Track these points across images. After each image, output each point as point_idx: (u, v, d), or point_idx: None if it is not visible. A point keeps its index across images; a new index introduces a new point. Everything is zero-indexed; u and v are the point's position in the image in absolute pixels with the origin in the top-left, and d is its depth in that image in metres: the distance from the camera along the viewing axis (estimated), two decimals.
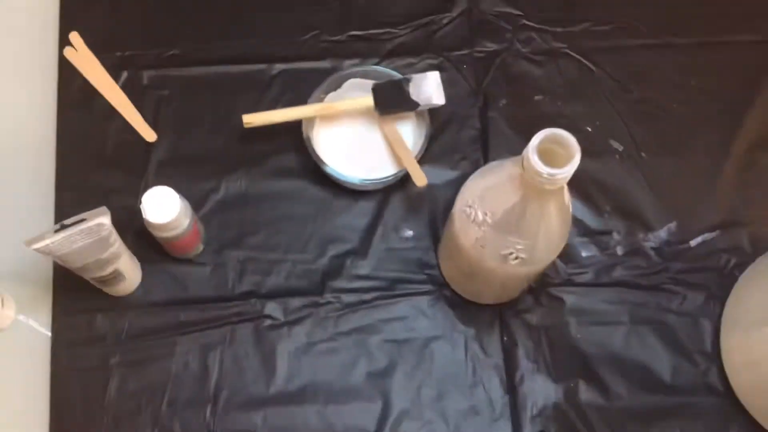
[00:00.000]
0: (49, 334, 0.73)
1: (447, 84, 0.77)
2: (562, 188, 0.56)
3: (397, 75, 0.76)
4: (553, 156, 0.52)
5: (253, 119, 0.75)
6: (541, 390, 0.73)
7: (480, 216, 0.60)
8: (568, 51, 0.82)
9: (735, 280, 0.75)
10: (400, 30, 0.82)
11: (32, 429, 0.71)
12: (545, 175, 0.51)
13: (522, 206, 0.56)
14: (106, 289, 0.72)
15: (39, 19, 0.82)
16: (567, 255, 0.77)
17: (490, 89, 0.81)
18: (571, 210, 0.61)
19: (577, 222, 0.77)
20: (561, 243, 0.62)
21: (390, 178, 0.75)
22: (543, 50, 0.82)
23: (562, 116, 0.80)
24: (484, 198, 0.60)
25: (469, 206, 0.61)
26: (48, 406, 0.71)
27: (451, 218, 0.66)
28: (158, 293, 0.75)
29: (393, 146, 0.76)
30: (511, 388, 0.73)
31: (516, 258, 0.61)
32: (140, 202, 0.67)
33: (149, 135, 0.78)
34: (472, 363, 0.74)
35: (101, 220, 0.64)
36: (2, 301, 0.72)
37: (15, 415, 0.72)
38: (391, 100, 0.75)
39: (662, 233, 0.78)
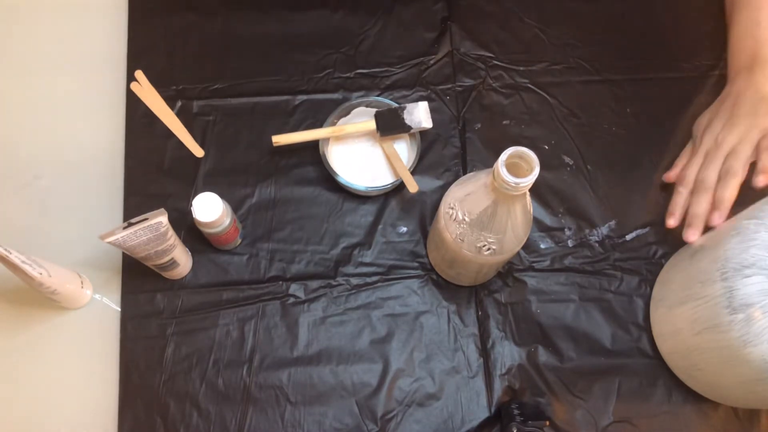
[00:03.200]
0: (119, 309, 0.74)
1: (434, 111, 0.77)
2: (525, 194, 0.56)
3: (393, 104, 0.76)
4: (518, 168, 0.53)
5: (280, 139, 0.75)
6: (508, 354, 0.73)
7: (460, 215, 0.60)
8: (529, 85, 0.82)
9: (661, 266, 0.75)
10: (396, 69, 0.82)
11: (106, 385, 0.71)
12: (512, 184, 0.51)
13: (493, 208, 0.56)
14: (164, 274, 0.72)
15: (111, 60, 0.82)
16: (529, 246, 0.77)
17: (468, 115, 0.81)
18: (532, 211, 0.61)
19: (536, 221, 0.77)
20: (524, 237, 0.62)
21: (389, 186, 0.75)
22: (510, 85, 0.82)
23: (525, 137, 0.80)
24: (463, 201, 0.60)
25: (452, 207, 0.61)
26: (118, 366, 0.71)
27: (437, 217, 0.66)
28: (205, 277, 0.74)
29: (391, 160, 0.76)
30: (485, 352, 0.73)
31: (488, 249, 0.61)
32: (191, 205, 0.67)
33: (198, 152, 0.78)
34: (454, 332, 0.74)
35: (160, 219, 0.64)
36: (82, 283, 0.73)
37: (92, 374, 0.72)
38: (390, 124, 0.75)
39: (604, 229, 0.78)
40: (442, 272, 0.74)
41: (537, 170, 0.51)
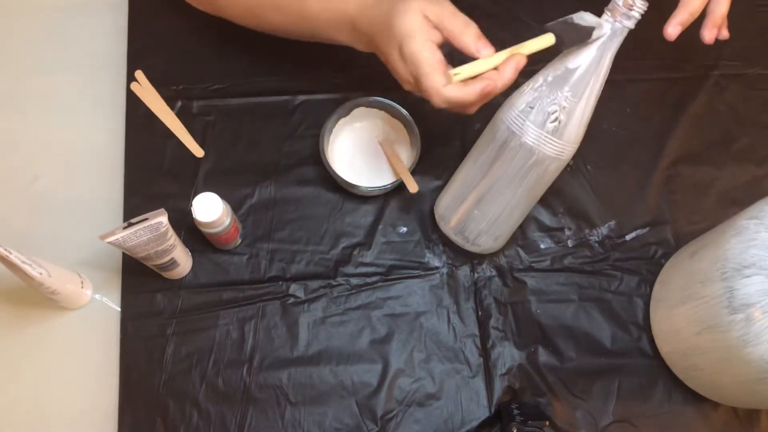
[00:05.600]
0: (119, 309, 0.74)
1: (433, 112, 0.77)
2: (608, 64, 0.59)
3: (394, 105, 0.76)
4: None
5: (461, 70, 0.62)
6: (508, 354, 0.73)
7: (540, 80, 0.60)
8: None
9: (661, 266, 0.75)
10: None
11: (106, 385, 0.71)
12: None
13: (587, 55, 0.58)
14: (164, 274, 0.72)
15: (111, 60, 0.82)
16: (529, 246, 0.77)
17: (468, 116, 0.81)
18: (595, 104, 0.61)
19: (536, 221, 0.78)
20: (583, 130, 0.62)
21: (389, 186, 0.75)
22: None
23: None
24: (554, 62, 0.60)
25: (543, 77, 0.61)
26: (118, 366, 0.71)
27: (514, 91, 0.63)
28: (205, 277, 0.74)
29: (391, 160, 0.76)
30: (484, 352, 0.73)
31: (555, 120, 0.60)
32: (191, 205, 0.67)
33: (198, 152, 0.78)
34: (453, 332, 0.74)
35: (160, 219, 0.64)
36: (82, 283, 0.73)
37: (92, 374, 0.72)
38: (569, 37, 0.61)
39: (604, 229, 0.78)
40: (454, 226, 0.71)
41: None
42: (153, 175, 0.77)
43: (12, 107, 0.81)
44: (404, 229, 0.77)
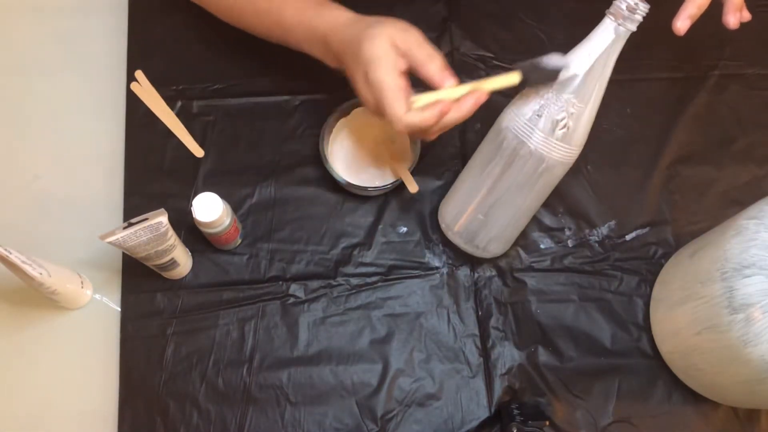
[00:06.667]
0: (119, 309, 0.74)
1: None
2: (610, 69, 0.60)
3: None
4: None
5: (418, 99, 0.62)
6: (508, 354, 0.73)
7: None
8: None
9: (661, 267, 0.75)
10: None
11: (106, 385, 0.71)
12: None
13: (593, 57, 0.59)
14: (164, 274, 0.72)
15: (111, 60, 0.82)
16: (529, 246, 0.77)
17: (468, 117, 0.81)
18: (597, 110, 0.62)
19: (536, 221, 0.77)
20: (588, 132, 0.63)
21: (389, 186, 0.75)
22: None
23: None
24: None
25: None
26: (118, 366, 0.71)
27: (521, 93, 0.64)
28: (205, 277, 0.74)
29: (391, 161, 0.76)
30: (484, 352, 0.73)
31: (564, 127, 0.60)
32: (191, 205, 0.67)
33: (198, 152, 0.78)
34: (454, 332, 0.74)
35: (160, 219, 0.64)
36: (82, 283, 0.73)
37: (92, 374, 0.72)
38: (534, 75, 0.62)
39: (604, 229, 0.78)
40: (455, 226, 0.70)
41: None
42: (153, 175, 0.77)
43: (12, 107, 0.81)
44: (404, 229, 0.77)
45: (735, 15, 0.65)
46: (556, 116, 0.60)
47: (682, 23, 0.63)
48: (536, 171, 0.63)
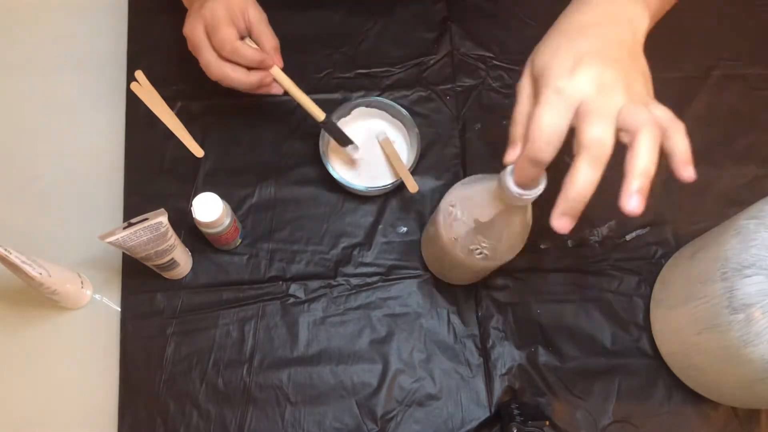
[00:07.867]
0: (119, 309, 0.74)
1: (433, 111, 0.77)
2: (527, 206, 0.56)
3: (394, 105, 0.76)
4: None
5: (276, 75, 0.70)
6: (508, 354, 0.73)
7: (459, 214, 0.60)
8: None
9: (661, 267, 0.75)
10: (396, 69, 0.82)
11: (106, 385, 0.71)
12: (516, 195, 0.51)
13: (493, 214, 0.56)
14: (164, 274, 0.72)
15: (111, 60, 0.82)
16: (528, 246, 0.76)
17: (468, 116, 0.81)
18: (531, 224, 0.60)
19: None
20: (519, 247, 0.61)
21: (389, 186, 0.75)
22: (510, 85, 0.82)
23: None
24: (465, 201, 0.59)
25: (452, 206, 0.61)
26: (118, 366, 0.71)
27: (436, 213, 0.65)
28: (205, 277, 0.75)
29: (391, 160, 0.76)
30: (484, 352, 0.73)
31: (480, 254, 0.60)
32: (191, 205, 0.67)
33: (198, 152, 0.78)
34: (454, 332, 0.74)
35: (160, 219, 0.64)
36: (82, 283, 0.73)
37: (92, 374, 0.72)
38: (332, 129, 0.73)
39: (604, 230, 0.78)
40: (432, 269, 0.74)
41: (544, 184, 0.50)
42: (153, 175, 0.77)
43: (12, 107, 0.81)
44: (404, 229, 0.77)
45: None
46: (470, 246, 0.60)
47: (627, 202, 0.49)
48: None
